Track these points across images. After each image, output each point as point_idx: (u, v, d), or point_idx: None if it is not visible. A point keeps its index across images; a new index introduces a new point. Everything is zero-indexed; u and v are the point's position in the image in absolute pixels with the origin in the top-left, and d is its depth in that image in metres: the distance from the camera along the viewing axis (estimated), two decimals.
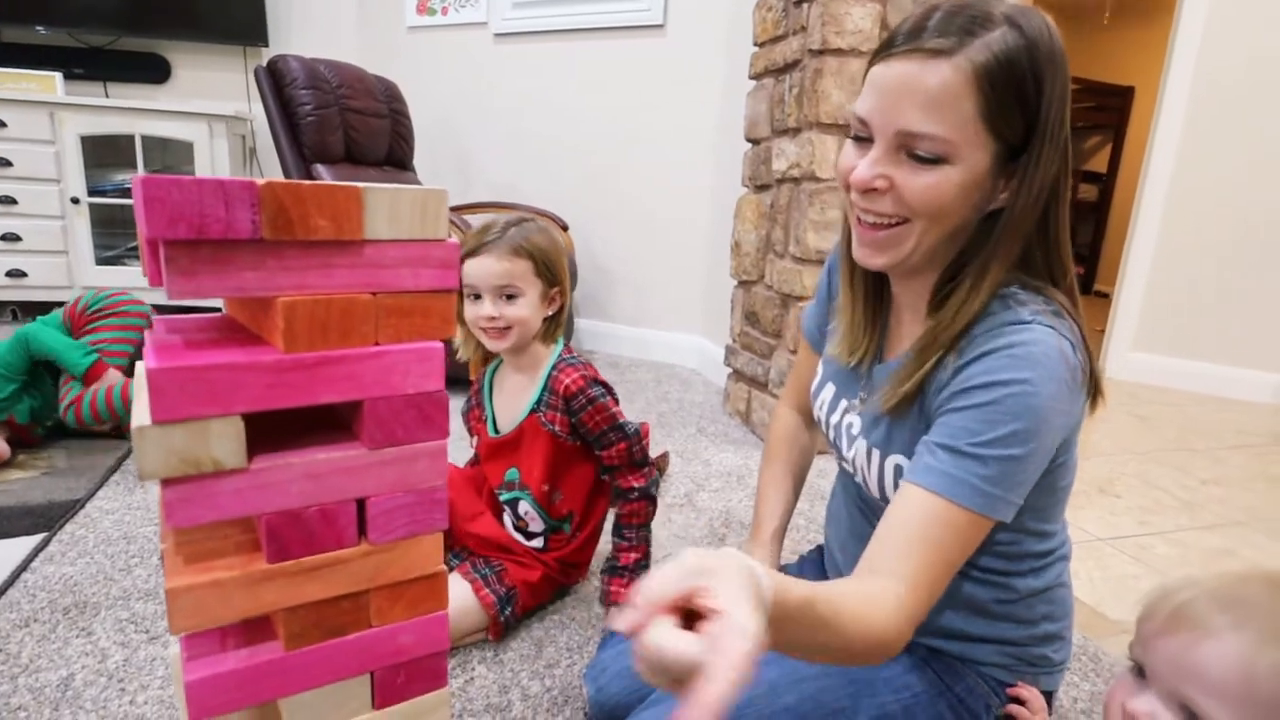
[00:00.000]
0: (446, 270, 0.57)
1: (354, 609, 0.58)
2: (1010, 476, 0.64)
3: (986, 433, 0.63)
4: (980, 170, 0.65)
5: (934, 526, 0.64)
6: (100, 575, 1.32)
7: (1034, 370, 0.62)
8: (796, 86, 2.02)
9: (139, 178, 0.46)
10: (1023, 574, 0.79)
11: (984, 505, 0.64)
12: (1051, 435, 0.66)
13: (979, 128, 0.63)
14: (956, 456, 0.64)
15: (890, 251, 0.70)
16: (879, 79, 0.66)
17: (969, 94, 0.62)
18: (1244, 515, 1.89)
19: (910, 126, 0.63)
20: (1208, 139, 2.98)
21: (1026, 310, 0.66)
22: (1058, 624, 0.82)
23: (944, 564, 0.64)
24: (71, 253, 3.07)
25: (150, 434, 0.48)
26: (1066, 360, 0.64)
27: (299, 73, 2.57)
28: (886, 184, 0.67)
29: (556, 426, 1.19)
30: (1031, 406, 0.62)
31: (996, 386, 0.63)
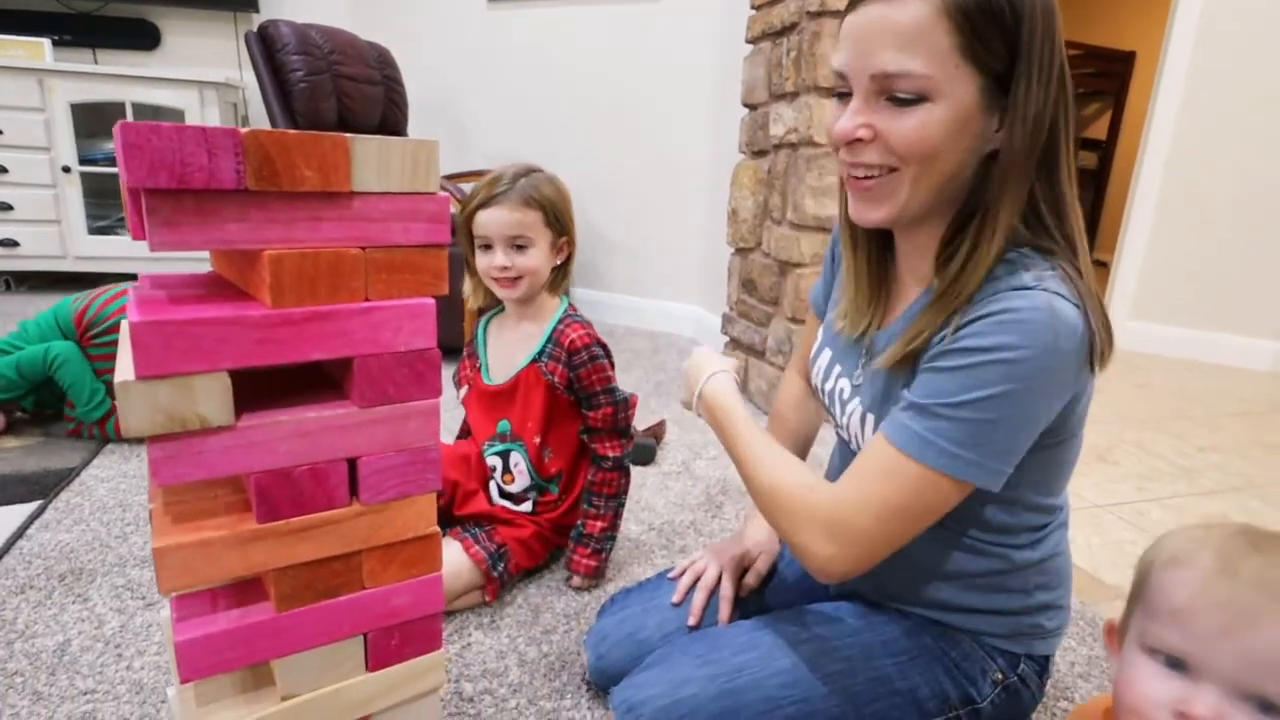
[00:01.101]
0: (437, 225, 0.55)
1: (346, 570, 0.58)
2: (983, 440, 0.62)
3: (960, 394, 0.62)
4: (967, 105, 0.62)
5: (894, 477, 0.65)
6: (96, 542, 1.32)
7: (1023, 336, 0.60)
8: (794, 50, 1.98)
9: (121, 124, 0.45)
10: (1019, 546, 0.78)
11: (951, 467, 0.63)
12: (1037, 403, 0.63)
13: (958, 60, 0.61)
14: (925, 415, 0.64)
15: (885, 203, 0.68)
16: (851, 27, 0.64)
17: (942, 24, 0.60)
18: (1241, 481, 1.90)
19: (885, 67, 0.61)
20: (1208, 106, 2.95)
21: (1030, 275, 0.63)
22: (1053, 593, 0.82)
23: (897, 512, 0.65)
24: (64, 222, 3.04)
25: (135, 389, 0.47)
26: (1066, 328, 0.61)
27: (290, 38, 2.52)
28: (870, 132, 0.64)
29: (556, 378, 1.21)
30: (1014, 373, 0.60)
31: (980, 351, 0.61)
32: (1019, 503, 0.75)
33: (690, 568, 0.99)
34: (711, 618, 0.93)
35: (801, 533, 0.69)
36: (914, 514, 0.66)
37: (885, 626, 0.82)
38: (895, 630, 0.82)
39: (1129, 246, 3.18)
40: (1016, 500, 0.74)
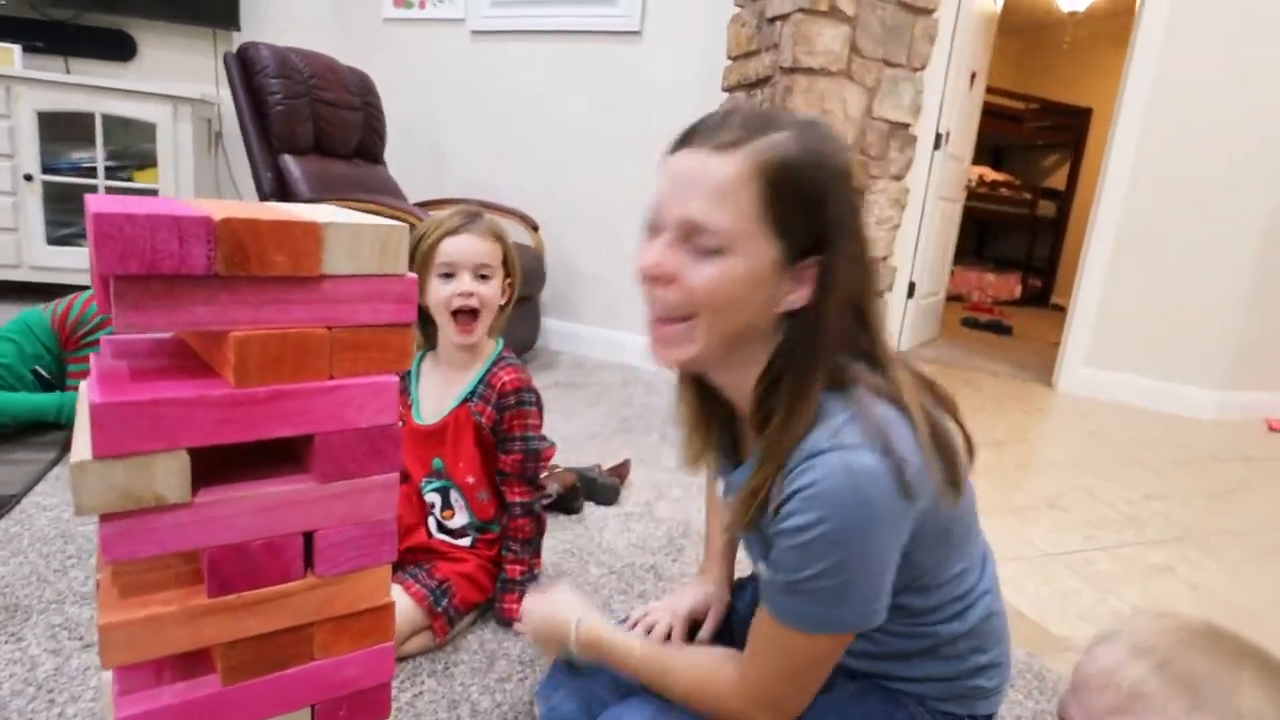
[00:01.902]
0: (405, 304, 0.56)
1: (296, 642, 0.58)
2: (839, 601, 0.67)
3: (804, 569, 0.66)
4: (763, 266, 0.65)
5: (787, 648, 0.70)
6: (34, 576, 1.27)
7: (827, 509, 0.63)
8: (768, 102, 2.04)
9: (93, 209, 0.46)
10: (945, 621, 0.79)
11: (827, 628, 0.69)
12: (874, 551, 0.66)
13: (761, 223, 0.64)
14: (785, 590, 0.68)
15: (678, 348, 0.70)
16: (669, 168, 0.68)
17: (750, 187, 0.63)
18: (1183, 531, 1.96)
19: (693, 215, 0.64)
20: (1160, 160, 3.07)
21: (826, 433, 0.65)
22: (989, 654, 0.83)
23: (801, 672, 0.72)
24: (21, 230, 2.97)
25: (91, 469, 0.47)
26: (877, 479, 0.63)
27: (269, 61, 2.52)
28: (670, 274, 0.67)
29: (484, 419, 1.22)
30: (835, 542, 0.64)
31: (802, 530, 0.65)
32: (931, 586, 0.77)
33: (641, 621, 1.00)
34: None
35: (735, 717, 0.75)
36: (817, 667, 0.72)
37: (835, 689, 0.84)
38: (844, 693, 0.83)
39: (1084, 294, 3.29)
40: (927, 585, 0.76)
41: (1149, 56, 3.03)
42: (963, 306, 5.65)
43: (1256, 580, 1.73)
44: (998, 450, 2.48)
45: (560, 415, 2.39)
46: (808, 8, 1.88)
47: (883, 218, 2.12)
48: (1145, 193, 3.11)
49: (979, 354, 4.02)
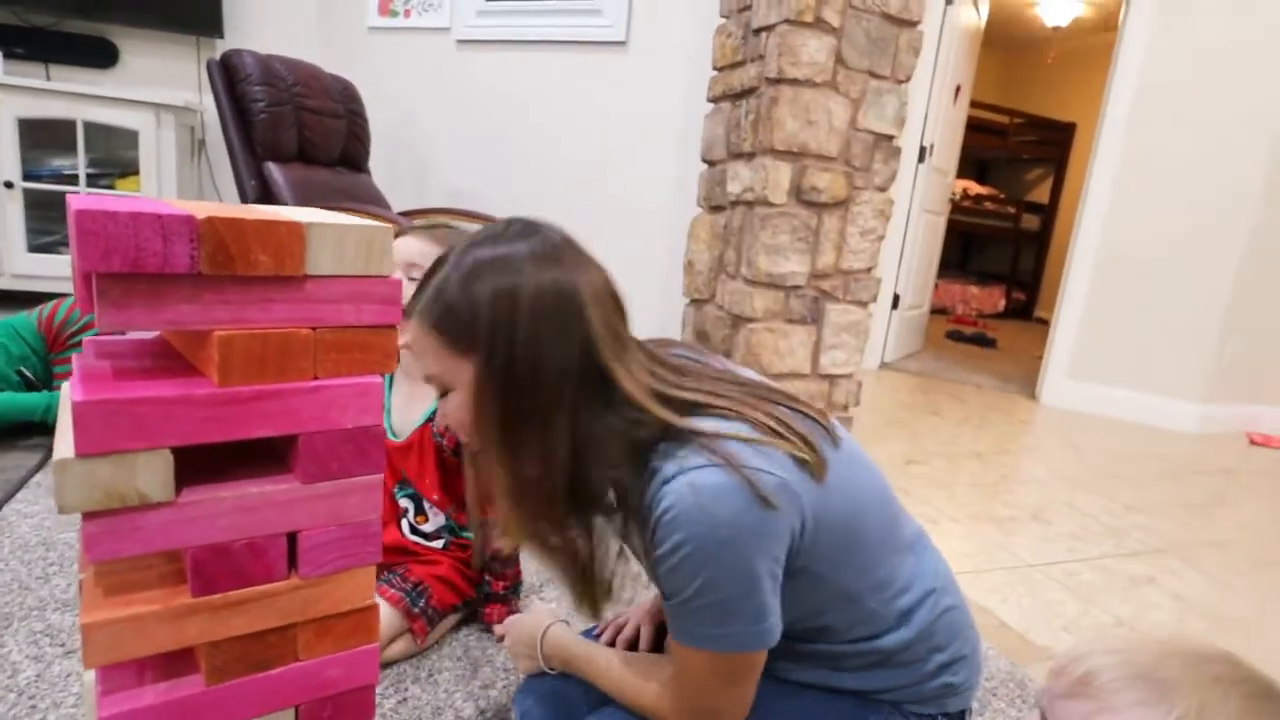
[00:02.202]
0: (389, 305, 0.57)
1: (280, 642, 0.58)
2: (722, 619, 0.68)
3: (680, 592, 0.68)
4: (474, 384, 0.69)
5: (698, 667, 0.72)
6: (15, 584, 1.27)
7: (686, 530, 0.65)
8: (753, 113, 2.06)
9: (74, 206, 0.46)
10: (888, 632, 0.79)
11: (714, 645, 0.70)
12: (743, 566, 0.67)
13: (450, 355, 0.68)
14: (674, 613, 0.71)
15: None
16: None
17: (429, 336, 0.69)
18: (1164, 543, 1.98)
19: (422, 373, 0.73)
20: (1142, 175, 3.12)
21: (672, 464, 0.68)
22: (948, 651, 0.82)
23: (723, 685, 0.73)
24: (2, 238, 2.94)
25: (74, 467, 0.47)
26: (728, 494, 0.65)
27: (253, 69, 2.52)
28: (443, 420, 0.74)
29: (445, 441, 1.22)
30: (703, 560, 0.66)
31: (669, 555, 0.67)
32: (859, 599, 0.77)
33: (612, 623, 1.01)
34: None
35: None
36: (731, 682, 0.73)
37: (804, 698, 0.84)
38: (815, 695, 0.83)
39: (1066, 308, 3.33)
40: (855, 598, 0.76)
41: (1131, 71, 3.08)
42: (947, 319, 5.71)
43: (1239, 591, 1.75)
44: (981, 462, 2.50)
45: None
46: (793, 19, 1.90)
47: (867, 229, 2.14)
48: (1127, 207, 3.16)
49: (963, 366, 4.05)
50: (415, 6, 3.27)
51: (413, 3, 3.27)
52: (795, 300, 2.11)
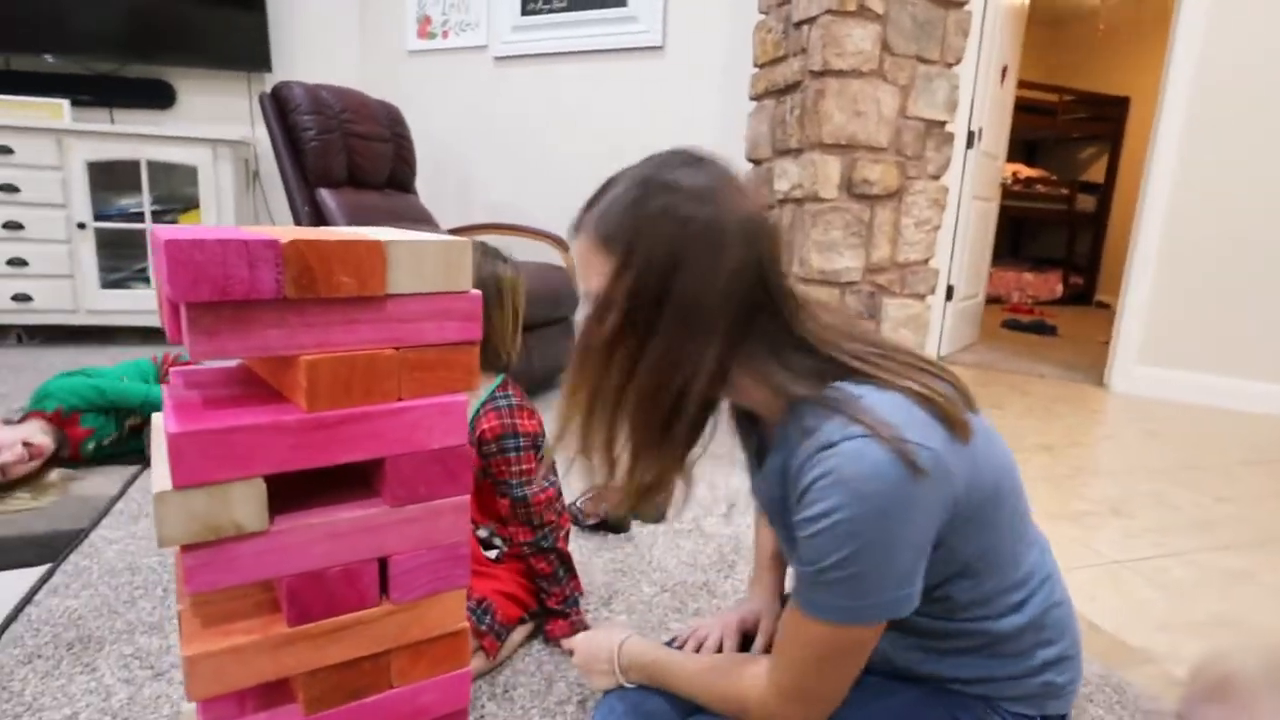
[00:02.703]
0: (470, 322, 0.56)
1: (375, 670, 0.57)
2: (860, 591, 0.67)
3: (821, 561, 0.66)
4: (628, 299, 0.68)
5: (814, 641, 0.71)
6: (104, 608, 1.30)
7: (845, 495, 0.64)
8: (798, 108, 2.02)
9: (161, 237, 0.46)
10: (1001, 615, 0.77)
11: (845, 617, 0.68)
12: (895, 535, 0.66)
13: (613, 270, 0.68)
14: (812, 583, 0.68)
15: None
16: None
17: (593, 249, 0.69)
18: (1261, 535, 1.87)
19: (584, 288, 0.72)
20: (1207, 149, 2.98)
21: (836, 425, 0.66)
22: (1055, 647, 0.80)
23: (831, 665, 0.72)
24: (77, 276, 3.07)
25: (172, 499, 0.47)
26: (880, 466, 0.64)
27: (302, 99, 2.58)
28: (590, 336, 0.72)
29: (473, 465, 1.21)
30: (853, 531, 0.64)
31: (818, 519, 0.65)
32: (982, 573, 0.75)
33: (693, 635, 0.99)
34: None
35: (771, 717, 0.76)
36: (844, 659, 0.72)
37: (896, 697, 0.81)
38: (908, 697, 0.81)
39: (1133, 291, 3.19)
40: (979, 571, 0.74)
41: (1193, 39, 2.94)
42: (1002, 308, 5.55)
43: None
44: (1050, 455, 2.40)
45: None
46: (836, 9, 1.86)
47: (922, 219, 2.09)
48: (1194, 181, 3.02)
49: (1023, 356, 3.93)
50: (453, 27, 3.32)
51: (450, 24, 3.32)
52: (851, 296, 2.07)
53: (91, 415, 1.90)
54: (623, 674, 0.89)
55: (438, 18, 3.35)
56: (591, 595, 1.41)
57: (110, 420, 1.93)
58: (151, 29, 3.27)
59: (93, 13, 3.17)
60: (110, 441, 1.92)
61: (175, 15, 3.28)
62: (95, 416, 1.91)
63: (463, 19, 3.29)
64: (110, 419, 1.93)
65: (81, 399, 1.89)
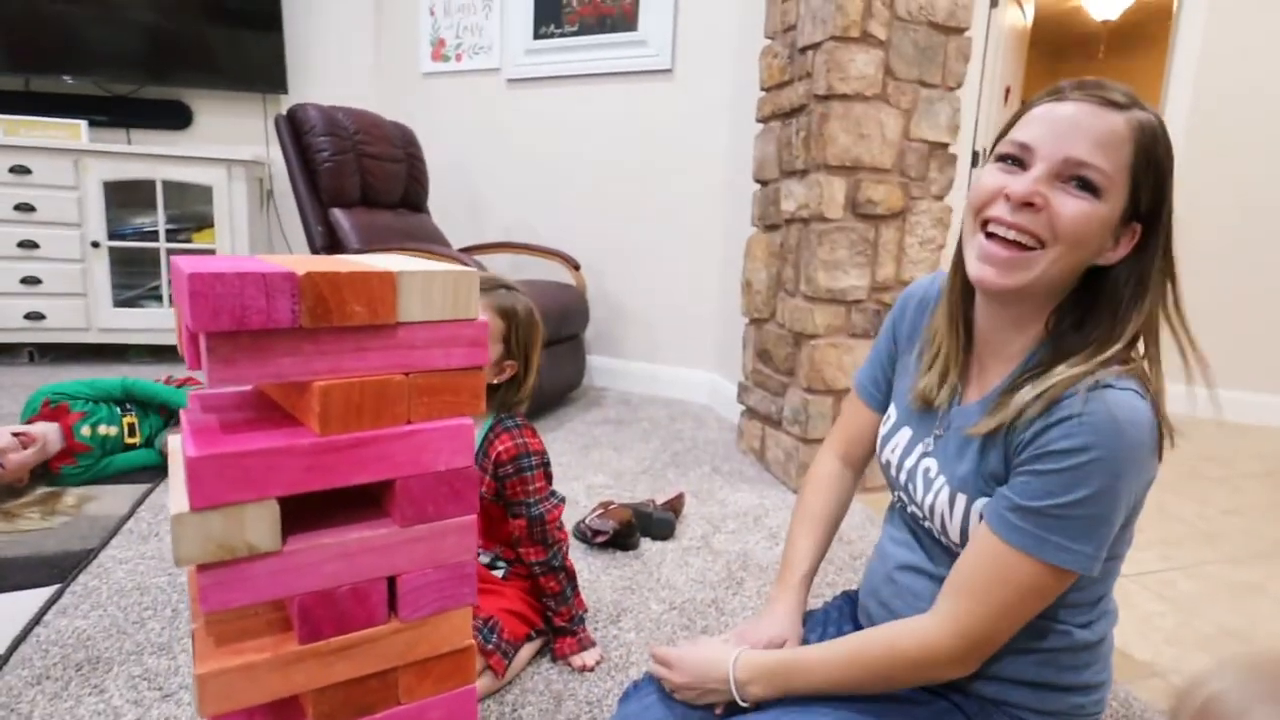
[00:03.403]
0: (477, 348, 0.58)
1: (382, 687, 0.58)
2: (1092, 532, 0.68)
3: (1066, 495, 0.68)
4: (1115, 215, 0.72)
5: (1012, 577, 0.71)
6: (114, 628, 1.31)
7: (1115, 437, 0.66)
8: (803, 130, 2.04)
9: (182, 270, 0.48)
10: (1082, 624, 0.79)
11: (1069, 560, 0.69)
12: (1130, 494, 0.69)
13: (1126, 178, 0.71)
14: (1039, 516, 0.69)
15: (1018, 273, 0.74)
16: (1048, 113, 0.73)
17: (1129, 146, 0.70)
18: (1268, 547, 1.86)
19: (1081, 155, 0.70)
20: (1206, 166, 3.00)
21: (1109, 373, 0.70)
22: (1099, 676, 0.82)
23: (1014, 612, 0.72)
24: (90, 295, 3.11)
25: (189, 521, 0.48)
26: (1143, 422, 0.68)
27: (317, 120, 2.62)
28: (1042, 200, 0.71)
29: (484, 489, 1.22)
30: (1112, 471, 0.67)
31: (1075, 452, 0.67)
32: (1084, 583, 0.76)
33: None
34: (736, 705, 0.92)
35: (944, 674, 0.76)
36: (1031, 603, 0.72)
37: (918, 707, 0.81)
38: (929, 711, 0.81)
39: None
40: (1084, 580, 0.75)
41: (1190, 59, 2.98)
42: None
43: None
44: None
45: (612, 450, 2.39)
46: (839, 35, 1.89)
47: (926, 238, 2.10)
48: (1193, 196, 3.03)
49: None
50: (466, 50, 3.37)
51: (463, 47, 3.37)
52: (857, 314, 2.08)
53: (79, 402, 1.95)
54: (740, 688, 0.83)
55: (451, 41, 3.40)
56: (600, 613, 1.42)
57: (102, 407, 1.98)
58: (169, 51, 3.33)
59: (111, 35, 3.23)
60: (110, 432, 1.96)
61: (192, 37, 3.34)
62: (84, 403, 1.96)
63: (476, 42, 3.34)
64: (103, 407, 1.99)
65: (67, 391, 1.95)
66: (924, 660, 0.75)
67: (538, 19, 3.16)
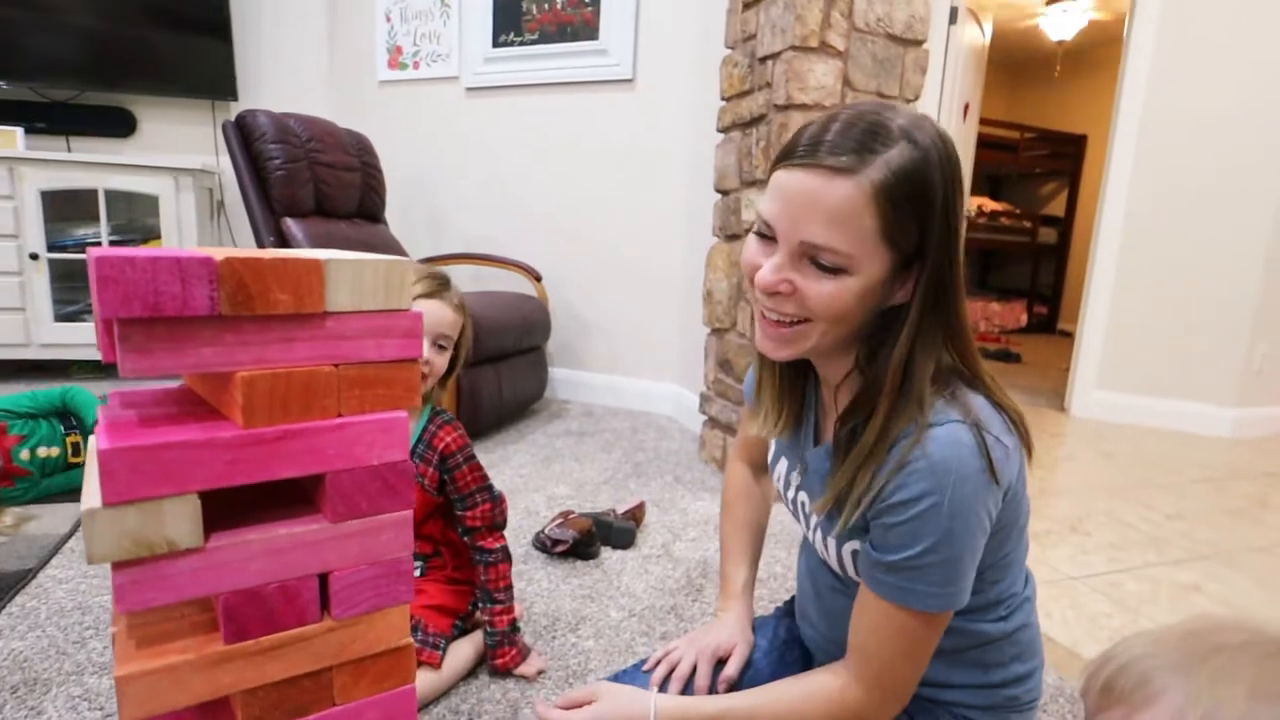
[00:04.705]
0: (410, 340, 0.56)
1: (316, 687, 0.56)
2: (952, 574, 0.69)
3: (915, 546, 0.68)
4: (877, 279, 0.68)
5: (904, 630, 0.72)
6: (52, 649, 1.27)
7: (943, 479, 0.65)
8: (763, 140, 2.06)
9: (93, 254, 0.46)
10: (991, 620, 0.80)
11: (937, 604, 0.70)
12: (980, 524, 0.69)
13: (877, 241, 0.66)
14: (898, 571, 0.70)
15: (792, 347, 0.73)
16: (783, 186, 0.68)
17: (869, 211, 0.64)
18: (1207, 549, 1.92)
19: (813, 239, 0.66)
20: (1156, 182, 3.10)
21: (932, 411, 0.69)
22: (1027, 664, 0.83)
23: (914, 654, 0.73)
24: (29, 309, 3.00)
25: (101, 516, 0.46)
26: (971, 452, 0.66)
27: (268, 127, 2.58)
28: (790, 288, 0.69)
29: (426, 480, 1.20)
30: (950, 513, 0.66)
31: (913, 503, 0.67)
32: (983, 581, 0.77)
33: (665, 658, 0.98)
34: None
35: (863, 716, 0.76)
36: (928, 646, 0.74)
37: None
38: None
39: (1091, 318, 3.28)
40: (988, 578, 0.77)
41: (1139, 80, 3.08)
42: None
43: None
44: None
45: (574, 462, 2.38)
46: (799, 45, 1.91)
47: None
48: (1145, 214, 3.13)
49: None
50: (424, 58, 3.35)
51: (421, 54, 3.35)
52: None
53: (20, 423, 1.88)
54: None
55: (409, 48, 3.38)
56: (559, 621, 1.40)
57: (43, 425, 1.91)
58: (111, 56, 3.23)
59: (49, 39, 3.12)
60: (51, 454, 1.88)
61: (136, 42, 3.24)
62: (24, 423, 1.89)
63: (434, 49, 3.32)
64: (44, 424, 1.91)
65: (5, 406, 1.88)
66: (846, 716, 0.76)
67: (497, 27, 3.16)
